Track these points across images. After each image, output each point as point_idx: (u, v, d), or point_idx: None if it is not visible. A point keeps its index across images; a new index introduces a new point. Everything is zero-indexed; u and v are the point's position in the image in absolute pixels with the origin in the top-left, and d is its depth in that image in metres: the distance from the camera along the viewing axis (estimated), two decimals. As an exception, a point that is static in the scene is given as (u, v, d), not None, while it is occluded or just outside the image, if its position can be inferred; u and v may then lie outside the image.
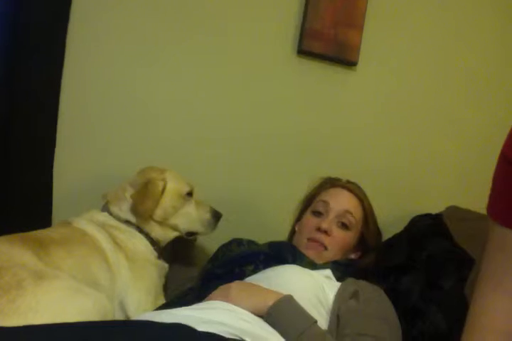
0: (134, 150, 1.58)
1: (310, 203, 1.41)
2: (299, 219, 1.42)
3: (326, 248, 1.28)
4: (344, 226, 1.31)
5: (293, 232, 1.44)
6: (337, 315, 1.04)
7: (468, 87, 2.00)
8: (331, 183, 1.43)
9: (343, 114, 1.83)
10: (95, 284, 1.11)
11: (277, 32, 1.73)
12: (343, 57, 1.78)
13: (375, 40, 1.83)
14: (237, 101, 1.70)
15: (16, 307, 0.87)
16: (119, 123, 1.57)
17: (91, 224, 1.25)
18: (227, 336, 0.83)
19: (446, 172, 1.96)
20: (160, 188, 1.33)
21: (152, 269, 1.29)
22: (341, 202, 1.34)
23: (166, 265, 1.37)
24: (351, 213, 1.32)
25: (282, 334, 0.91)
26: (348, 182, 1.44)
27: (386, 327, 1.02)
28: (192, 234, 1.44)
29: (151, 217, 1.33)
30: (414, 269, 1.29)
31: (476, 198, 1.91)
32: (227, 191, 1.68)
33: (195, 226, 1.42)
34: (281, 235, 1.50)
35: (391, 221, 1.71)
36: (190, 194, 1.41)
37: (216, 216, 1.44)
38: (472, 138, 2.00)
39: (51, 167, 1.43)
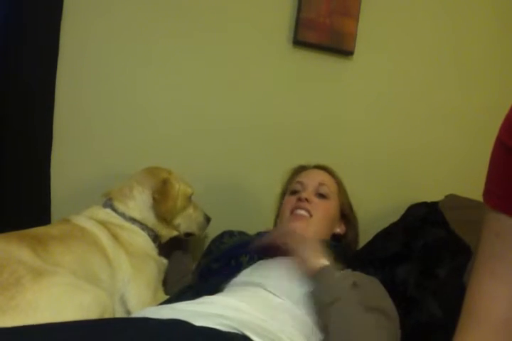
0: (132, 147, 1.58)
1: (287, 190, 1.45)
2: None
3: (310, 215, 1.30)
4: (322, 196, 1.35)
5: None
6: None
7: (465, 74, 1.99)
8: (300, 169, 1.48)
9: (339, 103, 1.83)
10: (96, 279, 1.12)
11: (272, 22, 1.72)
12: (339, 46, 1.77)
13: (371, 28, 1.82)
14: (234, 93, 1.69)
15: (15, 305, 0.88)
16: (116, 120, 1.57)
17: (91, 220, 1.26)
18: (225, 329, 0.84)
19: (444, 161, 1.96)
20: (177, 189, 1.39)
21: (152, 264, 1.30)
22: (314, 177, 1.40)
23: (165, 261, 1.39)
24: (326, 184, 1.37)
25: (319, 295, 0.96)
26: (316, 164, 1.49)
27: (383, 318, 1.04)
28: (189, 234, 1.49)
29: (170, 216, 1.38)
30: (409, 259, 1.30)
31: (474, 186, 1.92)
32: (224, 182, 1.69)
33: (193, 228, 1.48)
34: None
35: (388, 210, 1.73)
36: (191, 197, 1.46)
37: (207, 219, 1.51)
38: (469, 125, 1.99)
39: (48, 165, 1.43)
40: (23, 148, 1.39)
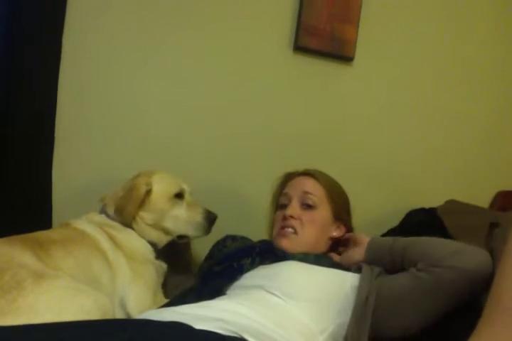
0: (133, 150, 1.59)
1: (277, 203, 1.43)
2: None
3: (296, 231, 1.30)
4: (309, 206, 1.33)
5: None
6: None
7: (466, 80, 2.01)
8: (287, 178, 1.45)
9: (339, 109, 1.84)
10: (96, 283, 1.12)
11: (273, 28, 1.73)
12: (339, 52, 1.78)
13: (371, 34, 1.84)
14: (234, 98, 1.70)
15: (16, 307, 0.88)
16: (118, 123, 1.57)
17: (90, 224, 1.27)
18: (224, 333, 0.85)
19: (444, 167, 1.97)
20: (142, 192, 1.31)
21: (151, 267, 1.30)
22: (297, 187, 1.37)
23: (165, 265, 1.38)
24: (310, 193, 1.35)
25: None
26: (304, 170, 1.45)
27: None
28: (183, 237, 1.39)
29: (142, 221, 1.33)
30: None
31: (475, 192, 1.93)
32: (223, 186, 1.70)
33: (186, 229, 1.37)
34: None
35: (387, 215, 1.73)
36: (179, 195, 1.37)
37: (209, 218, 1.37)
38: (470, 132, 2.00)
39: (50, 169, 1.43)
40: (25, 151, 1.39)
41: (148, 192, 1.32)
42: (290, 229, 1.31)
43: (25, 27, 1.38)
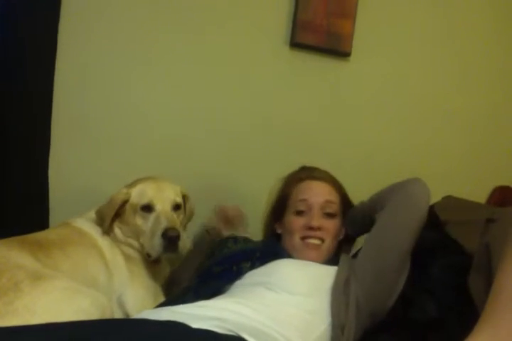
0: (130, 150, 1.59)
1: (285, 203, 1.37)
2: (277, 219, 1.39)
3: (323, 241, 1.28)
4: (330, 215, 1.31)
5: (275, 233, 1.40)
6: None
7: (463, 75, 2.00)
8: (296, 180, 1.40)
9: (336, 105, 1.84)
10: (94, 284, 1.13)
11: (269, 25, 1.73)
12: (336, 48, 1.78)
13: (367, 30, 1.83)
14: (231, 95, 1.71)
15: (13, 309, 0.88)
16: (114, 122, 1.58)
17: (88, 222, 1.27)
18: (221, 331, 0.86)
19: (441, 163, 1.97)
20: (117, 203, 1.25)
21: (149, 267, 1.29)
22: (318, 193, 1.33)
23: (166, 265, 1.37)
24: (331, 201, 1.33)
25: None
26: (310, 170, 1.42)
27: None
28: (150, 255, 1.25)
29: (121, 232, 1.28)
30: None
31: (472, 187, 1.94)
32: (224, 186, 1.71)
33: (147, 246, 1.23)
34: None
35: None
36: (147, 208, 1.23)
37: (166, 236, 1.17)
38: (466, 127, 2.00)
39: (46, 169, 1.44)
40: (22, 151, 1.39)
41: (125, 203, 1.26)
42: (317, 241, 1.28)
43: (20, 29, 1.38)
